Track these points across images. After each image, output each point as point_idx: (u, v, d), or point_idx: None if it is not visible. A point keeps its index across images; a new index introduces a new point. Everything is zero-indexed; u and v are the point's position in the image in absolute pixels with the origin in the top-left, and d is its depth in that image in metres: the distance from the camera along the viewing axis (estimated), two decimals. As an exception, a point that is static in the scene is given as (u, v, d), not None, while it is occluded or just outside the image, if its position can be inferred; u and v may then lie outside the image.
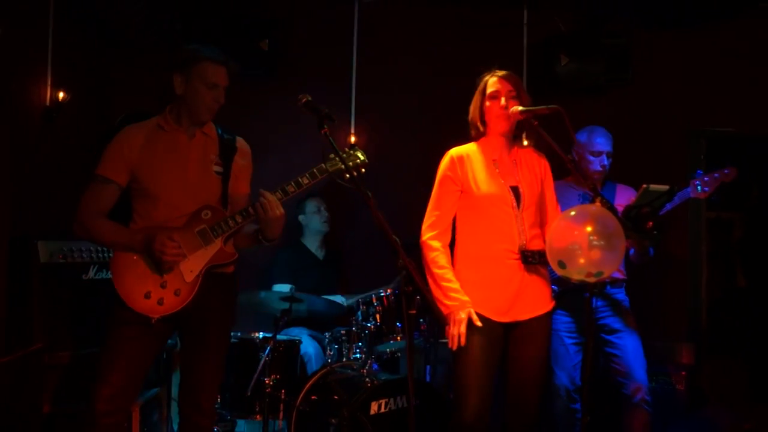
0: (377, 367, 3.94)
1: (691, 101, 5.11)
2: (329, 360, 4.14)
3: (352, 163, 3.01)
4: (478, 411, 3.06)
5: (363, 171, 3.03)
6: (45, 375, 3.49)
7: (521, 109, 3.10)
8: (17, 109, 3.87)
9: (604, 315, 3.82)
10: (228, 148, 3.12)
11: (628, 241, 2.92)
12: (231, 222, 2.99)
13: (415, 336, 4.24)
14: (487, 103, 3.17)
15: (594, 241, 2.78)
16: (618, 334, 3.78)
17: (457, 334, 3.02)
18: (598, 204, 2.90)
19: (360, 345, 4.02)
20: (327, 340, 4.22)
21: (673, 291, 5.09)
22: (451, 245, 3.22)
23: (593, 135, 3.92)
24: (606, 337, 3.80)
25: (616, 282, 3.87)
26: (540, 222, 3.25)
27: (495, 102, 3.16)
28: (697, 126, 5.14)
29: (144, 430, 3.72)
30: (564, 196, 3.78)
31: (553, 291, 3.33)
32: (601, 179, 3.96)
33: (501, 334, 3.15)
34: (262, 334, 4.04)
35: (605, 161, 3.91)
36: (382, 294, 4.05)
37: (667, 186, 3.10)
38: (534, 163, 3.28)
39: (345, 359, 4.04)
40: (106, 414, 2.88)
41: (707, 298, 5.16)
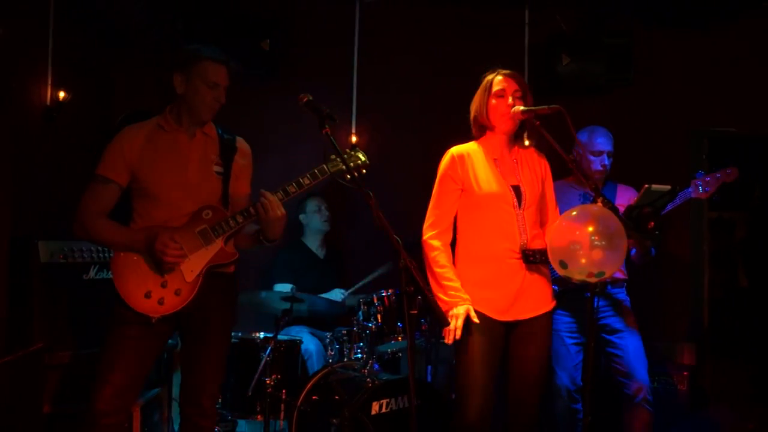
0: (378, 367, 3.94)
1: (693, 101, 5.11)
2: (330, 360, 4.13)
3: (353, 164, 3.01)
4: (480, 411, 3.05)
5: (364, 172, 3.03)
6: (45, 375, 3.49)
7: (523, 109, 3.09)
8: (18, 109, 3.87)
9: (605, 315, 3.82)
10: (228, 148, 3.12)
11: (629, 241, 2.91)
12: (232, 222, 2.99)
13: (417, 336, 4.24)
14: (493, 101, 3.14)
15: (595, 241, 2.78)
16: (619, 334, 3.77)
17: (454, 328, 3.02)
18: (599, 204, 2.90)
19: (361, 345, 4.01)
20: (328, 340, 4.21)
21: (675, 291, 5.09)
22: (452, 244, 3.21)
23: (594, 135, 3.91)
24: (607, 337, 3.80)
25: (617, 282, 3.87)
26: (540, 221, 3.24)
27: (502, 100, 3.13)
28: (699, 126, 5.13)
29: (145, 430, 3.71)
30: (565, 196, 3.77)
31: (554, 291, 3.32)
32: (602, 179, 3.95)
33: (502, 333, 3.14)
34: (263, 334, 4.05)
35: (606, 161, 3.90)
36: (383, 294, 4.05)
37: (669, 186, 3.09)
38: (534, 163, 3.27)
39: (346, 359, 4.04)
40: (106, 414, 2.87)
41: (709, 298, 5.16)
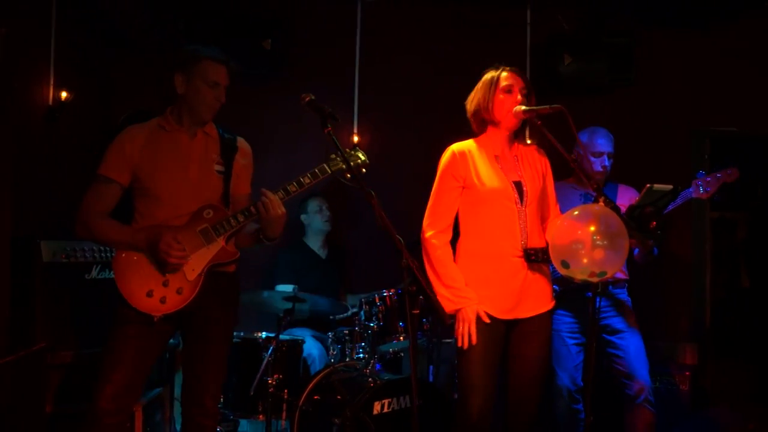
0: (380, 367, 3.94)
1: (695, 101, 5.11)
2: (332, 360, 4.13)
3: (353, 163, 3.01)
4: (482, 410, 3.05)
5: (364, 171, 3.03)
6: (47, 374, 3.49)
7: (525, 109, 3.08)
8: (20, 109, 3.87)
9: (606, 315, 3.81)
10: (229, 147, 3.13)
11: (631, 241, 2.91)
12: (233, 221, 2.99)
13: (419, 336, 4.23)
14: (501, 97, 3.12)
15: (597, 241, 2.77)
16: (620, 334, 3.77)
17: (467, 332, 3.01)
18: (601, 203, 2.89)
19: (363, 345, 4.01)
20: (330, 340, 4.21)
21: (677, 291, 5.09)
22: (453, 242, 3.20)
23: (594, 136, 3.90)
24: (608, 338, 3.79)
25: (618, 282, 3.86)
26: (541, 217, 3.23)
27: (509, 96, 3.11)
28: (701, 126, 5.13)
29: (147, 429, 3.71)
30: (565, 196, 3.76)
31: (554, 291, 3.32)
32: (602, 180, 3.94)
33: (503, 331, 3.13)
34: (265, 333, 4.05)
35: (606, 162, 3.89)
36: (385, 294, 4.04)
37: (671, 186, 3.09)
38: (535, 159, 3.26)
39: (348, 359, 4.04)
40: (108, 413, 2.88)
41: (711, 298, 5.15)
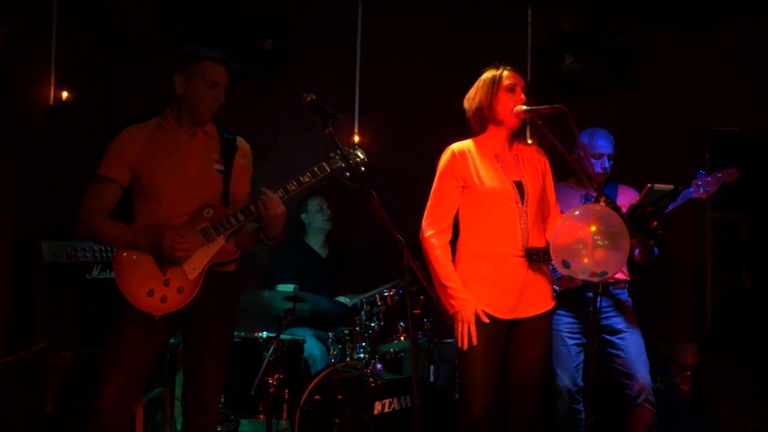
0: (381, 367, 3.94)
1: (696, 101, 5.11)
2: (333, 360, 4.13)
3: (352, 161, 3.01)
4: (483, 410, 3.05)
5: (363, 169, 3.04)
6: (48, 374, 3.49)
7: (525, 108, 3.08)
8: (21, 109, 3.87)
9: (606, 316, 3.80)
10: (229, 147, 3.13)
11: (632, 241, 2.90)
12: (233, 220, 2.99)
13: (419, 336, 4.23)
14: (504, 96, 3.11)
15: (598, 241, 2.77)
16: (621, 334, 3.76)
17: (467, 333, 3.01)
18: (602, 204, 2.89)
19: (364, 345, 4.01)
20: (330, 339, 4.21)
21: (678, 291, 5.08)
22: (453, 242, 3.20)
23: (594, 137, 3.87)
24: (608, 338, 3.78)
25: (618, 282, 3.85)
26: (542, 216, 3.23)
27: (513, 95, 3.11)
28: (702, 126, 5.13)
29: (148, 429, 3.71)
30: (566, 197, 3.76)
31: (554, 291, 3.31)
32: (602, 181, 3.93)
33: (504, 331, 3.13)
34: (265, 333, 4.04)
35: (606, 164, 3.86)
36: (385, 294, 4.04)
37: (672, 186, 3.09)
38: (534, 158, 3.25)
39: (349, 359, 4.03)
40: (109, 413, 2.88)
41: (712, 298, 5.15)
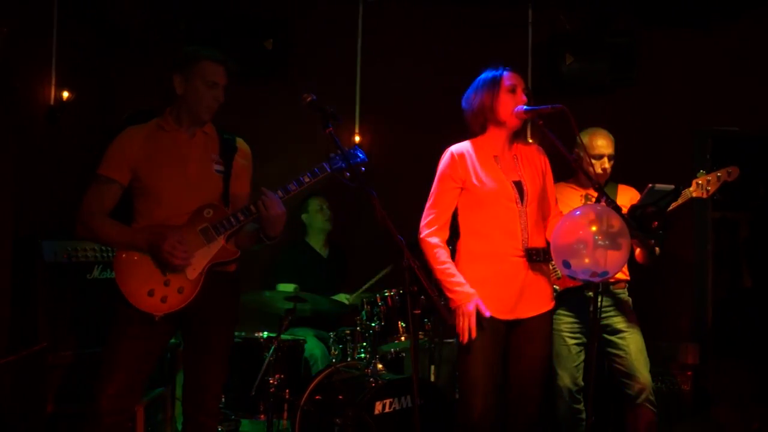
0: (381, 367, 3.93)
1: (697, 100, 5.11)
2: (334, 360, 4.13)
3: (352, 162, 3.01)
4: (483, 410, 3.05)
5: (363, 169, 3.04)
6: (49, 374, 3.50)
7: (526, 108, 3.08)
8: (21, 109, 3.88)
9: (606, 315, 3.79)
10: (228, 147, 3.13)
11: (633, 241, 2.90)
12: (233, 220, 2.99)
13: (420, 336, 4.23)
14: (505, 97, 3.11)
15: (599, 241, 2.77)
16: (621, 334, 3.76)
17: (467, 327, 3.00)
18: (603, 204, 2.89)
19: (364, 345, 4.01)
20: (331, 339, 4.21)
21: (679, 291, 5.08)
22: (450, 242, 3.20)
23: (595, 138, 3.84)
24: (609, 338, 3.78)
25: (618, 282, 3.85)
26: (542, 217, 3.23)
27: (514, 96, 3.11)
28: (703, 125, 5.13)
29: (148, 429, 3.71)
30: (566, 197, 3.76)
31: (554, 290, 3.31)
32: (603, 182, 3.92)
33: (504, 332, 3.13)
34: (266, 333, 4.05)
35: (606, 164, 3.86)
36: (386, 293, 4.04)
37: (673, 186, 3.09)
38: (534, 158, 3.25)
39: (349, 359, 4.04)
40: (110, 413, 2.88)
41: (713, 298, 5.15)
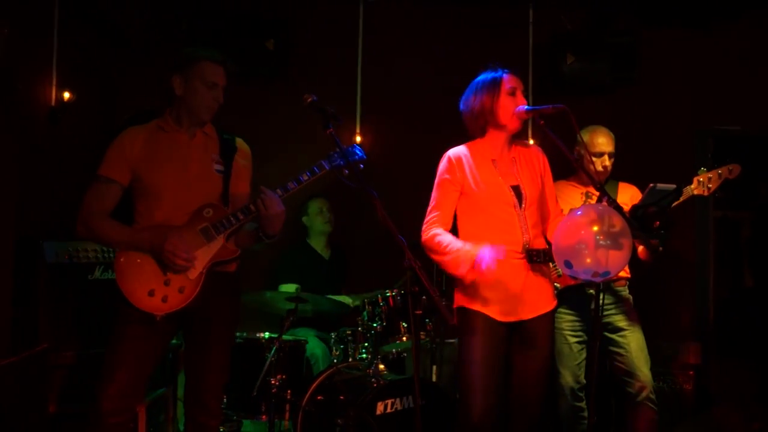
0: (383, 368, 3.93)
1: (698, 100, 5.10)
2: (335, 360, 4.13)
3: (350, 159, 3.01)
4: (484, 411, 3.05)
5: (362, 167, 3.05)
6: (50, 375, 3.50)
7: (527, 109, 3.08)
8: (23, 110, 3.87)
9: (608, 313, 3.79)
10: (228, 147, 3.14)
11: (634, 241, 2.90)
12: (233, 219, 3.00)
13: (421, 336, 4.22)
14: (506, 100, 3.11)
15: (601, 241, 2.77)
16: (622, 332, 3.76)
17: (488, 264, 2.90)
18: (604, 203, 2.89)
19: (366, 345, 4.01)
20: (333, 340, 4.21)
21: (680, 290, 5.08)
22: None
23: (595, 135, 3.85)
24: (610, 336, 3.78)
25: (619, 280, 3.85)
26: (542, 217, 3.23)
27: (514, 99, 3.11)
28: (704, 125, 5.12)
29: (150, 430, 3.71)
30: (567, 195, 3.76)
31: (555, 288, 3.31)
32: (603, 180, 3.92)
33: (504, 334, 3.13)
34: (267, 334, 4.05)
35: (607, 162, 3.86)
36: (388, 294, 4.04)
37: (674, 185, 3.09)
38: (533, 159, 3.25)
39: (351, 359, 4.04)
40: (112, 413, 2.88)
41: (714, 297, 5.14)
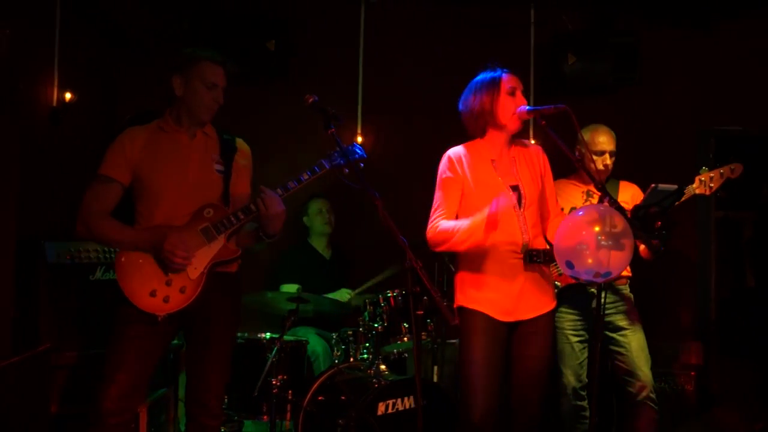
0: (384, 368, 3.93)
1: (700, 100, 5.10)
2: (336, 360, 4.13)
3: (350, 158, 3.01)
4: (484, 411, 3.05)
5: (362, 166, 3.05)
6: (52, 375, 3.50)
7: (529, 109, 3.08)
8: (24, 110, 3.87)
9: (608, 313, 3.78)
10: (228, 148, 3.14)
11: (636, 241, 2.90)
12: (233, 219, 3.00)
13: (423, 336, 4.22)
14: (506, 100, 3.11)
15: (602, 242, 2.77)
16: (622, 332, 3.76)
17: (501, 209, 2.89)
18: (606, 204, 2.89)
19: (367, 345, 4.01)
20: (334, 340, 4.21)
21: (682, 290, 5.08)
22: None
23: (596, 134, 3.84)
24: (610, 335, 3.78)
25: (620, 280, 3.85)
26: (542, 216, 3.23)
27: (514, 99, 3.11)
28: (706, 125, 5.12)
29: (151, 430, 3.71)
30: (568, 194, 3.76)
31: (555, 287, 3.30)
32: (604, 179, 3.92)
33: (504, 333, 3.14)
34: (269, 334, 4.05)
35: (608, 161, 3.86)
36: (389, 294, 4.04)
37: (676, 186, 3.09)
38: (532, 159, 3.25)
39: (352, 360, 4.03)
40: (113, 413, 2.88)
41: (716, 297, 5.14)
